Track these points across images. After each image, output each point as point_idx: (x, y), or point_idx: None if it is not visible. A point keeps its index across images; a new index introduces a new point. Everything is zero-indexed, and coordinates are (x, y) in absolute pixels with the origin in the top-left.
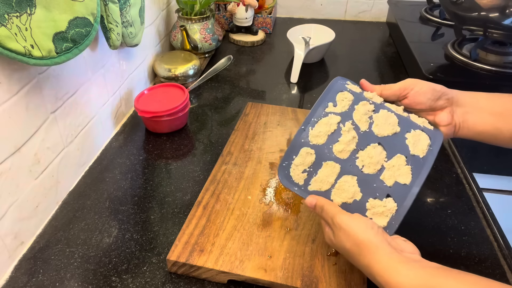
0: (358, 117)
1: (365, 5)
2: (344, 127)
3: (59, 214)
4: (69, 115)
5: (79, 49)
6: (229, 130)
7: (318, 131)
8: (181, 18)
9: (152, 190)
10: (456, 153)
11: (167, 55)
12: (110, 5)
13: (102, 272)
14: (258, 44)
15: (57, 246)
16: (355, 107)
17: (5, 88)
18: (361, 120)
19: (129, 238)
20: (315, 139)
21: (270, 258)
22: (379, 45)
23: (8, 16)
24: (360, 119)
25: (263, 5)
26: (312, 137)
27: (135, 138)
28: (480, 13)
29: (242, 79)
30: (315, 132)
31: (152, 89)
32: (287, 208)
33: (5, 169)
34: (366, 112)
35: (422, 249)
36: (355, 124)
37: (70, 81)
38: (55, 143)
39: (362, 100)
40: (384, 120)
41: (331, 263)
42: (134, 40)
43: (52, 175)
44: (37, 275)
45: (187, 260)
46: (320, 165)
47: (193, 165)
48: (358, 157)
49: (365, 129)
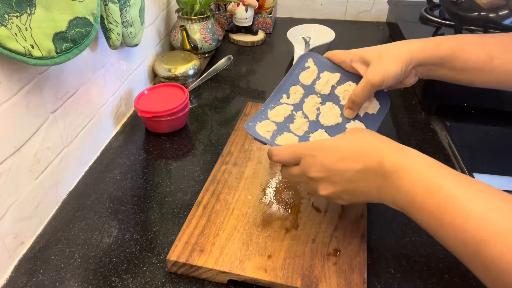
0: (307, 108)
1: (365, 5)
2: (297, 114)
3: (59, 214)
4: (69, 115)
5: (79, 49)
6: (229, 130)
7: (276, 112)
8: (181, 18)
9: (152, 190)
10: (456, 153)
11: (167, 55)
12: (110, 5)
13: (102, 272)
14: (258, 44)
15: (57, 246)
16: (305, 100)
17: (5, 88)
18: (310, 111)
19: (129, 238)
20: (274, 117)
21: (270, 258)
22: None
23: (8, 16)
24: (309, 110)
25: (263, 5)
26: (272, 115)
27: (135, 138)
28: (480, 13)
29: (242, 79)
30: (274, 112)
31: (152, 89)
32: (287, 208)
33: (5, 169)
34: (314, 104)
35: (422, 249)
36: (305, 114)
37: (70, 81)
38: (55, 143)
39: (311, 94)
40: (329, 111)
41: (331, 263)
42: (134, 40)
43: (52, 175)
44: (37, 275)
45: (187, 260)
46: (282, 132)
47: (193, 165)
48: (311, 136)
49: (313, 119)
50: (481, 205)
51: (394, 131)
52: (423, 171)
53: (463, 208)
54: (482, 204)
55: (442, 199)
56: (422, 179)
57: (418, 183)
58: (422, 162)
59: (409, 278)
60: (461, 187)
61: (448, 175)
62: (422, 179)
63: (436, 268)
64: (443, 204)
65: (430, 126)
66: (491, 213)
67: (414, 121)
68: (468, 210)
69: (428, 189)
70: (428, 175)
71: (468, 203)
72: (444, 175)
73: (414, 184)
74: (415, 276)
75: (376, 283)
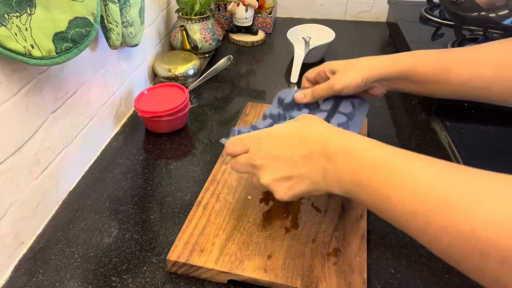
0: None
1: (365, 5)
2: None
3: (59, 214)
4: (69, 115)
5: (79, 49)
6: (229, 130)
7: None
8: (181, 18)
9: (152, 190)
10: (456, 153)
11: (167, 55)
12: (110, 5)
13: (102, 272)
14: (258, 44)
15: (57, 246)
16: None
17: (5, 88)
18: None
19: (129, 238)
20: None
21: (270, 258)
22: (379, 45)
23: (8, 16)
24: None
25: (263, 5)
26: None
27: (135, 138)
28: (480, 13)
29: (242, 79)
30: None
31: (152, 89)
32: (287, 208)
33: (5, 169)
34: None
35: (422, 249)
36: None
37: (70, 81)
38: (55, 143)
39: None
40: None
41: (331, 263)
42: (134, 40)
43: (52, 175)
44: (37, 275)
45: (187, 260)
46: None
47: (193, 165)
48: None
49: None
50: (427, 175)
51: (394, 131)
52: (368, 149)
53: (410, 181)
54: (429, 174)
55: (389, 175)
56: (367, 158)
57: (363, 161)
58: (367, 142)
59: (409, 278)
60: (406, 160)
61: (394, 151)
62: (368, 157)
63: (436, 268)
64: (390, 179)
65: (430, 126)
66: (439, 182)
67: (414, 121)
68: (415, 181)
69: (374, 167)
70: (372, 152)
71: (414, 175)
72: (389, 152)
73: (359, 163)
74: (415, 276)
75: (376, 283)
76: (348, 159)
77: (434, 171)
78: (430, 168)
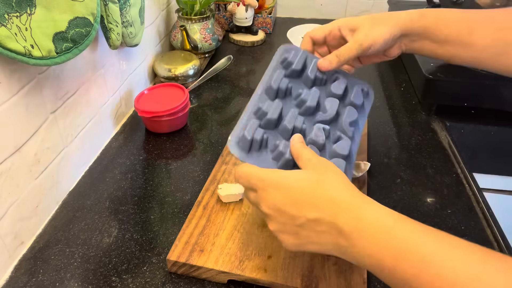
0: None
1: (365, 5)
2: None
3: (59, 214)
4: (69, 115)
5: (79, 49)
6: (229, 130)
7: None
8: (181, 18)
9: (152, 190)
10: (456, 153)
11: (167, 55)
12: (110, 5)
13: (102, 272)
14: (258, 44)
15: (57, 246)
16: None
17: (5, 88)
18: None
19: (129, 238)
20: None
21: (270, 258)
22: None
23: (8, 16)
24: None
25: (263, 5)
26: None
27: (135, 138)
28: None
29: (242, 79)
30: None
31: (152, 89)
32: None
33: (5, 169)
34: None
35: None
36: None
37: (70, 81)
38: (55, 143)
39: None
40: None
41: (331, 263)
42: (134, 40)
43: (52, 175)
44: (37, 275)
45: (187, 260)
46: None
47: (193, 165)
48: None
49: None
50: (467, 270)
51: (394, 131)
52: (387, 228)
53: (445, 276)
54: (469, 269)
55: (418, 265)
56: (388, 239)
57: (383, 244)
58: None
59: None
60: (438, 247)
61: (418, 232)
62: (387, 238)
63: None
64: (420, 271)
65: (430, 126)
66: (481, 281)
67: (414, 121)
68: (453, 278)
69: (397, 252)
70: (394, 233)
71: (450, 269)
72: (413, 232)
73: (378, 245)
74: None
75: (376, 283)
76: (365, 237)
77: (474, 265)
78: (468, 259)
